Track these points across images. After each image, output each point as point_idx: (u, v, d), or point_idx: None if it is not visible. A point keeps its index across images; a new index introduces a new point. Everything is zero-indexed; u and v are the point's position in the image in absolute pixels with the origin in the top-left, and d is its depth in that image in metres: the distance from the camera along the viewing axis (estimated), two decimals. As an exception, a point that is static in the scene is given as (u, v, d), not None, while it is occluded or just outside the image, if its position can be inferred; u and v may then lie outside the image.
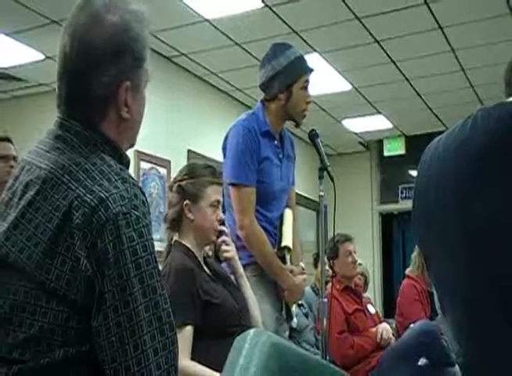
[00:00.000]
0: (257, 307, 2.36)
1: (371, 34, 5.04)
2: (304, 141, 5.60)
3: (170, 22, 4.73)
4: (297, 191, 3.26)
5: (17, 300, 1.10)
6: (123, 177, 1.15)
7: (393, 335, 3.83)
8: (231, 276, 2.39)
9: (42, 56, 5.02)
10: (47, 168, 1.16)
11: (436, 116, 7.09)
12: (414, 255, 4.38)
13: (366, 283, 5.27)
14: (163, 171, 5.38)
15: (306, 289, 3.48)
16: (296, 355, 1.10)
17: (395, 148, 8.01)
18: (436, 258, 1.13)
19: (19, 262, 1.11)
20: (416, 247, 4.00)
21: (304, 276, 2.71)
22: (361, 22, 4.82)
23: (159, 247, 1.61)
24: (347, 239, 4.04)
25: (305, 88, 2.71)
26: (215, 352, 1.96)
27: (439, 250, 1.11)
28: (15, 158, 3.12)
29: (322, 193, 2.70)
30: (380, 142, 8.18)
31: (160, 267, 1.26)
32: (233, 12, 4.62)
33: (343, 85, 6.13)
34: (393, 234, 8.80)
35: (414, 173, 6.54)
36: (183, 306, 2.05)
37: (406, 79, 6.03)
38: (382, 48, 5.30)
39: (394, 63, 5.64)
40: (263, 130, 2.66)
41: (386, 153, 8.13)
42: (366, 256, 6.82)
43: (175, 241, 2.32)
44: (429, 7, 4.59)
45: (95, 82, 1.19)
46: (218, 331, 2.11)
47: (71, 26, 1.21)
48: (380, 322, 3.97)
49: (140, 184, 3.18)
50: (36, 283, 1.09)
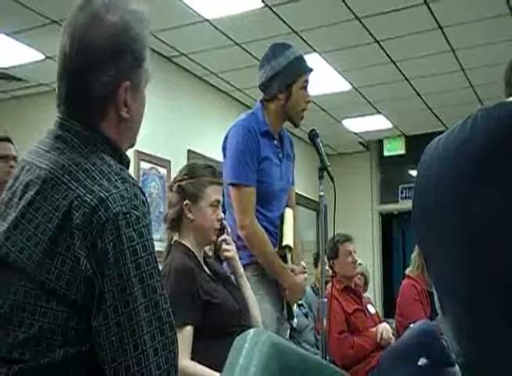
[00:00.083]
0: (257, 307, 2.35)
1: (371, 34, 5.04)
2: (304, 141, 5.60)
3: (170, 22, 4.73)
4: (297, 191, 3.26)
5: (17, 300, 1.10)
6: (123, 177, 1.15)
7: (393, 335, 3.83)
8: (231, 275, 2.39)
9: (42, 56, 5.02)
10: (47, 168, 1.16)
11: (436, 116, 7.09)
12: (414, 255, 4.38)
13: (366, 283, 5.27)
14: (163, 171, 5.38)
15: (306, 289, 3.48)
16: (296, 355, 1.10)
17: (395, 148, 8.01)
18: (436, 258, 1.13)
19: (19, 262, 1.11)
20: (416, 247, 4.00)
21: (305, 275, 2.71)
22: (361, 22, 4.81)
23: (159, 247, 1.61)
24: (347, 239, 4.04)
25: (305, 88, 2.72)
26: (215, 352, 1.96)
27: (439, 250, 1.11)
28: (15, 158, 3.13)
29: (322, 193, 2.70)
30: (380, 142, 8.18)
31: (160, 267, 1.26)
32: (233, 12, 4.62)
33: (343, 85, 6.13)
34: (393, 234, 8.80)
35: (414, 173, 6.52)
36: (183, 306, 2.05)
37: (406, 79, 6.03)
38: (382, 48, 5.30)
39: (394, 63, 5.64)
40: (262, 130, 2.66)
41: (386, 153, 8.13)
42: (366, 256, 6.82)
43: (175, 241, 2.32)
44: (429, 7, 4.59)
45: (94, 82, 1.19)
46: (218, 331, 2.11)
47: (71, 26, 1.21)
48: (380, 322, 3.97)
49: (140, 184, 3.18)
50: (36, 283, 1.09)
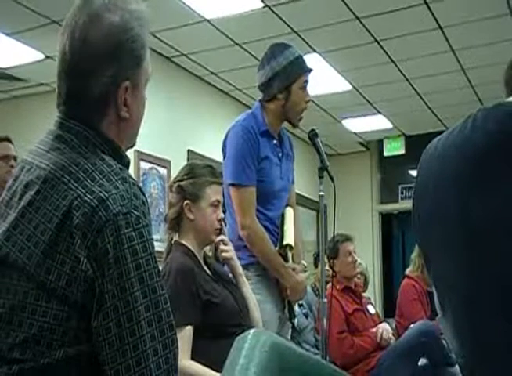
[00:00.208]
0: (257, 307, 2.35)
1: (371, 34, 5.04)
2: (304, 141, 5.60)
3: (170, 22, 4.73)
4: (297, 191, 3.26)
5: (17, 300, 1.10)
6: (123, 177, 1.15)
7: (393, 335, 3.84)
8: (231, 275, 2.39)
9: (42, 56, 5.02)
10: (47, 168, 1.16)
11: (436, 116, 7.09)
12: (414, 255, 4.38)
13: (366, 283, 5.27)
14: (163, 171, 5.38)
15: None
16: (296, 355, 1.10)
17: (395, 148, 8.00)
18: (436, 258, 1.13)
19: (19, 262, 1.11)
20: (416, 247, 4.01)
21: (306, 274, 2.71)
22: (361, 22, 4.81)
23: (159, 247, 1.61)
24: (347, 239, 4.04)
25: (304, 88, 2.72)
26: (215, 352, 1.96)
27: (439, 250, 1.11)
28: (15, 158, 3.13)
29: (322, 193, 2.70)
30: (380, 142, 8.17)
31: (160, 267, 1.26)
32: (233, 12, 4.62)
33: (343, 85, 6.12)
34: (393, 234, 8.80)
35: (414, 173, 6.52)
36: (183, 306, 2.05)
37: (406, 79, 6.02)
38: (382, 48, 5.30)
39: (394, 63, 5.64)
40: (262, 130, 2.66)
41: (386, 153, 8.12)
42: (366, 256, 6.81)
43: (175, 241, 2.32)
44: (429, 7, 4.59)
45: (94, 82, 1.19)
46: (218, 331, 2.11)
47: (70, 25, 1.21)
48: (380, 322, 3.97)
49: (140, 184, 3.18)
50: (36, 282, 1.09)
